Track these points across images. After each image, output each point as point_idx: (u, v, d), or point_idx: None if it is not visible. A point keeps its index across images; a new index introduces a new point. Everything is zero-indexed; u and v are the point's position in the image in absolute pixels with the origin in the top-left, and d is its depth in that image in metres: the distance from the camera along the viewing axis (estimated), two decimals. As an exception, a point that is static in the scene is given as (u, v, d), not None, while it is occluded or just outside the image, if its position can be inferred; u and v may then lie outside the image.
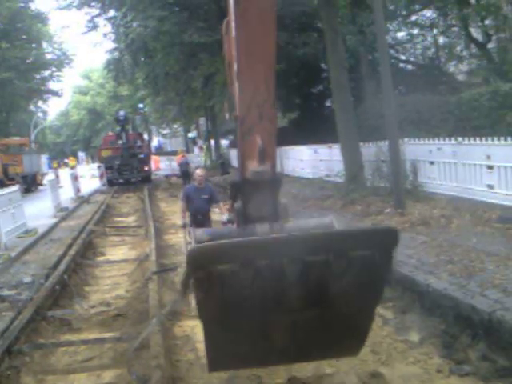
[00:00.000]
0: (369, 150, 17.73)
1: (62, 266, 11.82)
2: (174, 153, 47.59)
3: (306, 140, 25.70)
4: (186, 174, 32.74)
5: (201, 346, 7.20)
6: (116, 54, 41.98)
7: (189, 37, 27.27)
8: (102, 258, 14.05)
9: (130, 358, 6.72)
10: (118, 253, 14.67)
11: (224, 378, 6.24)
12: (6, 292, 10.32)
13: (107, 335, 8.00)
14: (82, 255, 13.70)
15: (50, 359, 7.33)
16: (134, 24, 30.84)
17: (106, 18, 36.60)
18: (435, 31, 30.94)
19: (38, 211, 21.78)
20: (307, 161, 25.40)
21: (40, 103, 72.67)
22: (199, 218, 11.00)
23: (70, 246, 14.43)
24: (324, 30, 19.17)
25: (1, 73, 44.20)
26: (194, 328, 7.86)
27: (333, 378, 6.08)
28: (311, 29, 29.24)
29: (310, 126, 25.69)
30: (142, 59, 36.79)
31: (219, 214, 11.36)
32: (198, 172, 11.36)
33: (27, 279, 11.30)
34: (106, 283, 11.46)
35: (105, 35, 40.13)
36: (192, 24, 27.68)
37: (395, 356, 6.63)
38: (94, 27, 37.10)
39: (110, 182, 36.77)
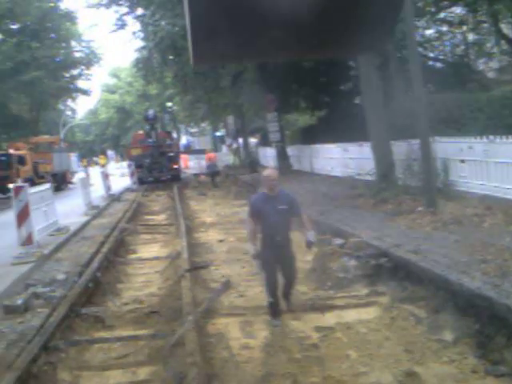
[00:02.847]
0: (399, 149, 17.64)
1: (95, 264, 11.94)
2: (202, 151, 47.69)
3: (334, 138, 25.65)
4: (213, 172, 33.00)
5: (234, 344, 7.28)
6: (145, 52, 42.17)
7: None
8: (133, 256, 14.13)
9: (166, 354, 6.79)
10: (149, 250, 14.76)
11: (258, 376, 6.27)
12: (40, 289, 10.43)
13: (141, 332, 8.06)
14: (114, 253, 13.80)
15: (85, 356, 7.40)
16: (163, 22, 30.97)
17: (134, 17, 36.84)
18: (464, 28, 30.67)
19: (69, 209, 21.97)
20: (337, 159, 25.35)
21: (69, 102, 73.30)
22: (277, 240, 7.98)
23: (102, 244, 14.56)
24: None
25: (31, 72, 44.60)
26: (227, 326, 7.91)
27: (368, 376, 6.09)
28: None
29: (339, 124, 25.59)
30: (171, 58, 36.89)
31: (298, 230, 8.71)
32: (269, 174, 8.25)
33: (61, 276, 11.40)
34: (138, 281, 11.53)
35: (134, 33, 40.22)
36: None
37: (429, 355, 6.59)
38: (123, 26, 37.39)
39: (140, 181, 37.04)
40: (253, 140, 49.93)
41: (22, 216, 13.63)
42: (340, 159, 24.92)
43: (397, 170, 17.25)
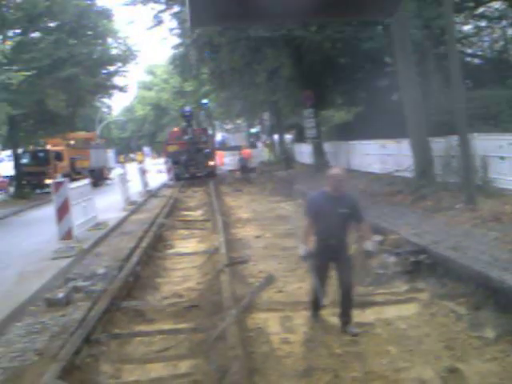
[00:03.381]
0: (438, 145, 17.48)
1: (134, 258, 12.07)
2: (237, 148, 47.85)
3: (371, 134, 25.50)
4: (244, 168, 33.19)
5: (274, 339, 7.31)
6: (181, 49, 42.38)
7: (254, 31, 27.31)
8: (172, 251, 14.22)
9: (208, 348, 6.85)
10: (187, 245, 14.86)
11: (299, 370, 6.29)
12: (80, 283, 10.58)
13: (181, 326, 8.13)
14: (153, 248, 13.92)
15: (127, 349, 7.49)
16: (200, 19, 31.07)
17: (171, 14, 36.99)
18: (504, 23, 30.29)
19: (108, 205, 22.19)
20: (374, 155, 25.20)
21: (105, 98, 73.85)
22: (331, 244, 7.39)
23: (140, 239, 14.71)
24: (391, 25, 19.02)
25: (68, 68, 45.00)
26: (266, 321, 7.94)
27: (409, 371, 6.08)
28: (375, 23, 28.99)
29: (376, 121, 25.42)
30: (208, 54, 37.01)
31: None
32: (337, 172, 7.47)
33: (101, 271, 11.55)
34: (176, 275, 11.60)
35: (170, 30, 40.40)
36: (257, 18, 27.69)
37: (471, 352, 6.55)
38: (159, 23, 37.56)
39: (177, 177, 37.28)
40: (288, 136, 49.85)
41: (62, 211, 13.82)
42: (378, 156, 24.77)
43: (435, 166, 17.11)
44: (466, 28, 31.85)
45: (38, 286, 10.53)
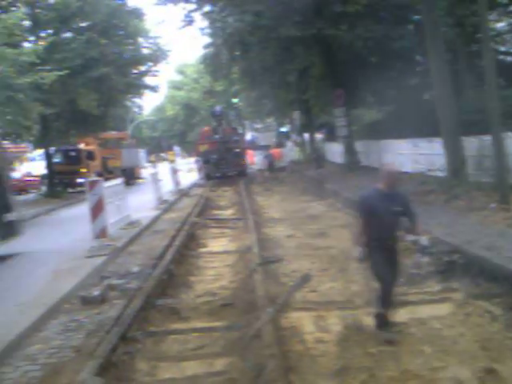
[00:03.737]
0: (471, 144, 17.34)
1: (168, 257, 12.19)
2: (267, 147, 47.85)
3: (402, 133, 25.35)
4: (271, 165, 33.26)
5: (308, 338, 7.33)
6: (212, 49, 42.48)
7: (285, 31, 27.31)
8: (204, 250, 14.27)
9: (243, 346, 6.89)
10: (219, 244, 14.90)
11: (334, 369, 6.30)
12: (115, 281, 10.71)
13: (216, 324, 8.18)
14: (186, 246, 14.00)
15: (162, 347, 7.56)
16: (231, 19, 31.14)
17: (202, 13, 37.06)
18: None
19: (140, 204, 22.32)
20: (406, 155, 25.00)
21: (136, 98, 74.24)
22: (389, 243, 7.27)
23: (173, 238, 14.83)
24: (423, 23, 18.92)
25: (100, 68, 45.37)
26: (300, 320, 7.96)
27: (445, 371, 6.07)
28: (407, 21, 28.84)
29: (407, 119, 25.24)
30: (239, 54, 37.07)
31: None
32: (393, 169, 7.40)
33: (135, 269, 11.68)
34: (209, 274, 11.65)
35: (201, 30, 40.54)
36: (287, 18, 27.68)
37: (507, 353, 6.50)
38: (190, 22, 37.65)
39: (208, 176, 37.45)
40: (318, 135, 49.74)
41: (97, 210, 13.96)
42: (409, 155, 24.58)
43: (468, 166, 16.99)
44: (499, 25, 31.49)
45: (73, 283, 10.66)
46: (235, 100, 66.86)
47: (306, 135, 49.21)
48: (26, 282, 11.63)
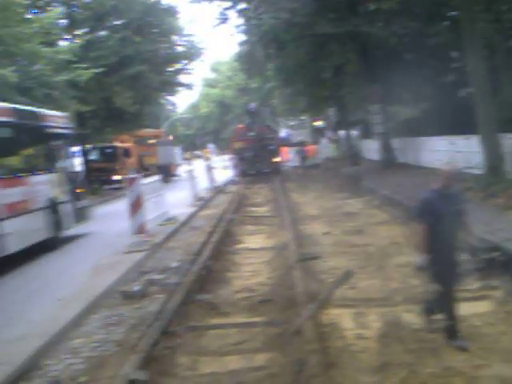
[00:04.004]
0: (509, 141, 17.19)
1: (205, 253, 12.28)
2: (301, 144, 47.80)
3: (438, 130, 25.20)
4: (304, 160, 33.27)
5: (348, 334, 7.34)
6: (247, 46, 42.57)
7: (320, 28, 27.27)
8: (240, 246, 14.34)
9: (285, 342, 6.93)
10: (255, 241, 14.93)
11: (375, 365, 6.31)
12: (155, 276, 10.84)
13: (256, 319, 8.23)
14: (222, 243, 14.08)
15: (202, 341, 7.62)
16: (266, 16, 31.15)
17: (237, 11, 37.11)
18: None
19: (176, 200, 22.47)
20: (443, 152, 24.79)
21: (170, 96, 74.57)
22: (453, 246, 6.91)
23: (210, 234, 14.93)
24: (460, 19, 18.77)
25: (135, 66, 45.73)
26: (340, 316, 7.97)
27: (489, 368, 6.03)
28: (442, 18, 28.59)
29: (443, 117, 25.12)
30: (274, 51, 37.10)
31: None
32: (454, 168, 7.13)
33: (173, 264, 11.81)
34: (247, 270, 11.70)
35: (236, 27, 40.55)
36: (322, 15, 27.64)
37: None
38: (225, 20, 37.73)
39: (243, 173, 37.53)
40: (354, 132, 49.56)
41: (136, 206, 14.15)
42: (446, 152, 24.36)
43: (506, 163, 16.83)
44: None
45: (113, 278, 10.83)
46: (270, 97, 66.80)
47: (341, 132, 49.08)
48: (67, 277, 11.84)
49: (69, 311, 8.97)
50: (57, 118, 18.38)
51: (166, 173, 41.90)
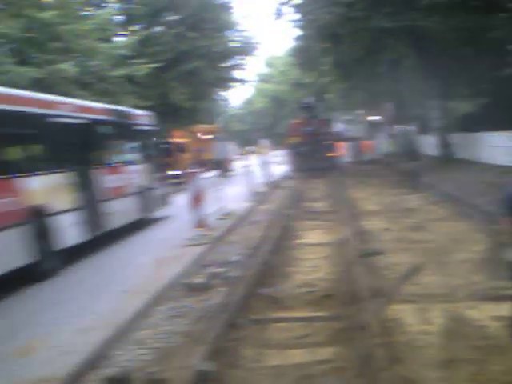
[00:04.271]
0: None
1: (265, 247, 12.37)
2: (357, 139, 47.58)
3: (498, 126, 24.79)
4: (358, 155, 33.04)
5: (412, 330, 7.33)
6: (303, 41, 42.53)
7: (376, 22, 27.09)
8: (299, 241, 14.36)
9: (349, 336, 6.97)
10: (313, 236, 14.92)
11: (440, 360, 6.28)
12: (216, 269, 10.98)
13: (318, 314, 8.27)
14: (281, 237, 14.15)
15: (266, 334, 7.70)
16: (322, 11, 31.07)
17: (292, 5, 37.09)
18: None
19: (233, 195, 22.67)
20: (503, 147, 24.40)
21: (225, 91, 74.93)
22: None
23: (268, 228, 15.02)
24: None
25: (191, 62, 46.17)
26: (403, 312, 7.95)
27: None
28: (500, 10, 28.07)
29: (503, 112, 24.68)
30: (330, 46, 36.98)
31: None
32: None
33: (234, 258, 11.94)
34: (306, 265, 11.71)
35: (292, 22, 40.54)
36: (378, 9, 27.45)
37: None
38: (280, 15, 37.75)
39: (298, 168, 37.48)
40: (411, 127, 49.05)
41: (196, 200, 14.38)
42: (507, 148, 23.99)
43: None
44: None
45: (176, 271, 11.03)
46: (325, 91, 66.52)
47: (398, 127, 48.63)
48: (131, 268, 12.11)
49: (134, 302, 9.17)
50: (144, 117, 22.04)
51: (222, 168, 42.20)
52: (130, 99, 32.99)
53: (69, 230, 14.02)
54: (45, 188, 13.47)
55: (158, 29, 46.34)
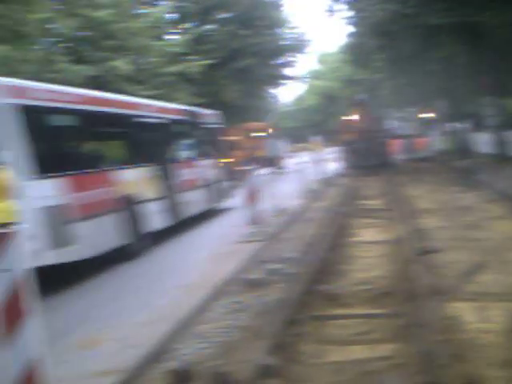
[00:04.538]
0: None
1: (320, 245, 12.39)
2: (410, 136, 47.12)
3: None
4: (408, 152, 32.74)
5: (472, 328, 7.29)
6: (355, 38, 42.34)
7: (428, 19, 26.84)
8: (354, 239, 14.35)
9: (409, 333, 6.98)
10: (368, 234, 14.86)
11: (503, 359, 6.24)
12: (273, 265, 11.07)
13: (376, 311, 8.29)
14: (335, 235, 14.15)
15: (325, 331, 7.75)
16: (375, 8, 30.95)
17: (344, 2, 36.97)
18: None
19: (286, 192, 22.73)
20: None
21: (276, 88, 75.09)
22: None
23: (322, 226, 15.02)
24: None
25: (243, 59, 46.48)
26: (463, 310, 7.92)
27: None
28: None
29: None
30: (384, 43, 36.74)
31: None
32: None
33: (289, 255, 12.01)
34: (362, 263, 11.69)
35: (345, 19, 40.37)
36: (431, 6, 27.18)
37: None
38: (333, 12, 37.67)
39: (352, 166, 37.28)
40: (464, 125, 48.41)
41: (251, 197, 14.50)
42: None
43: None
44: None
45: (233, 267, 11.16)
46: (376, 88, 66.13)
47: (452, 125, 48.05)
48: (189, 263, 12.29)
49: (192, 298, 9.32)
50: (212, 116, 24.45)
51: (274, 165, 42.27)
52: (183, 96, 33.36)
53: (153, 217, 16.21)
54: (134, 180, 15.72)
55: (209, 27, 46.73)
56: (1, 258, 4.85)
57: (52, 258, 11.67)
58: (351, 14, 38.58)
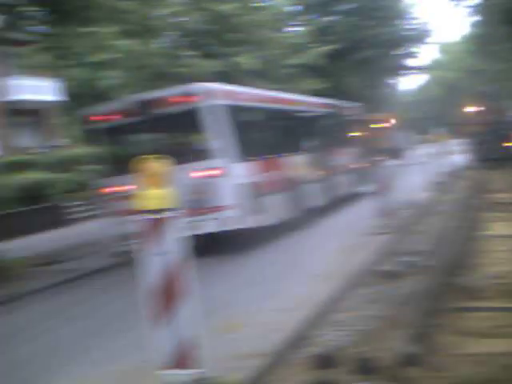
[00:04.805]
0: None
1: (451, 238, 12.32)
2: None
3: None
4: None
5: None
6: (481, 27, 41.22)
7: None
8: (486, 232, 14.12)
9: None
10: (500, 228, 14.44)
11: None
12: (405, 258, 11.13)
13: (512, 305, 8.23)
14: (467, 228, 13.98)
15: (463, 322, 7.76)
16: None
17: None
18: None
19: (412, 185, 22.62)
20: None
21: (397, 79, 73.97)
22: None
23: (452, 219, 14.88)
24: None
25: (364, 50, 46.32)
26: None
27: None
28: None
29: None
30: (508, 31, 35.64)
31: None
32: None
33: (420, 247, 12.02)
34: (494, 257, 11.48)
35: (472, 7, 39.31)
36: None
37: None
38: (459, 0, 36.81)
39: (480, 158, 36.26)
40: None
41: (381, 189, 14.62)
42: None
43: None
44: None
45: (365, 258, 11.29)
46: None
47: None
48: (318, 255, 12.53)
49: (328, 286, 9.54)
50: (355, 108, 27.99)
51: (400, 157, 41.81)
52: (305, 86, 33.68)
53: (311, 197, 19.35)
54: (298, 165, 19.12)
55: (331, 18, 46.74)
56: (158, 242, 5.27)
57: (249, 222, 14.92)
58: (477, 1, 37.61)
